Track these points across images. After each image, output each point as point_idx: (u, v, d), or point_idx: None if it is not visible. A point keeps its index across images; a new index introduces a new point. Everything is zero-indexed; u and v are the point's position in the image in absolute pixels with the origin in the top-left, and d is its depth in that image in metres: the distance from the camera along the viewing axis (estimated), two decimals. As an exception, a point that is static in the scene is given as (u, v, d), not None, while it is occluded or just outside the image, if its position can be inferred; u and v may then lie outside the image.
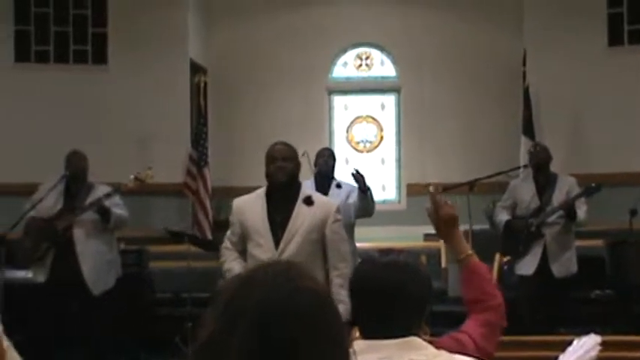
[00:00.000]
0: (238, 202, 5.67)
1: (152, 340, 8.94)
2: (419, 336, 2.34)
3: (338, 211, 5.66)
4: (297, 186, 5.59)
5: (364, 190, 7.54)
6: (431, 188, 3.20)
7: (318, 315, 1.56)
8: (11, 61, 11.32)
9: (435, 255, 10.14)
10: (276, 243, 5.42)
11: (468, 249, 3.05)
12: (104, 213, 7.51)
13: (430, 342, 2.37)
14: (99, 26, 11.57)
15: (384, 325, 2.33)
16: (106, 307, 7.65)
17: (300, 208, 5.47)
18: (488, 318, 2.87)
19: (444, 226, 3.10)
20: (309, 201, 5.49)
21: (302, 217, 5.44)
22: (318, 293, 1.59)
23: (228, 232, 5.71)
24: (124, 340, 8.40)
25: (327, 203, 5.71)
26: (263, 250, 5.39)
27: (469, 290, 2.96)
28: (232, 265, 5.55)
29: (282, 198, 5.49)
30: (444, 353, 2.32)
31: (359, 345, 2.29)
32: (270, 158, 5.50)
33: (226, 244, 5.67)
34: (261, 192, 5.59)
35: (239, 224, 5.56)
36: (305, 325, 1.53)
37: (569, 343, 2.95)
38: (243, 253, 5.59)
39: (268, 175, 5.49)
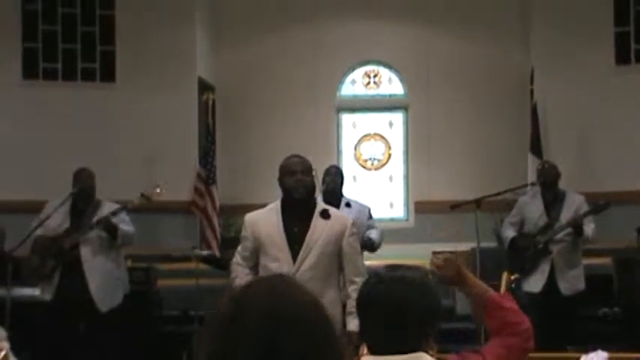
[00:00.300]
0: (251, 217, 5.58)
1: (159, 358, 8.92)
2: (427, 352, 2.33)
3: (354, 225, 5.63)
4: (313, 200, 5.56)
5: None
6: (430, 261, 3.24)
7: (318, 325, 1.55)
8: (19, 79, 11.34)
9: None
10: (294, 256, 5.36)
11: (484, 286, 3.08)
12: (111, 230, 7.50)
13: (438, 359, 2.36)
14: (107, 44, 11.60)
15: (391, 340, 2.32)
16: (114, 324, 7.63)
17: (317, 221, 5.40)
18: (512, 343, 2.88)
19: (455, 280, 3.14)
20: (325, 214, 5.44)
21: (319, 231, 5.39)
22: (313, 304, 1.58)
23: (239, 248, 5.61)
24: (132, 358, 8.38)
25: (343, 217, 5.69)
26: (280, 263, 5.31)
27: (492, 321, 2.97)
28: (245, 281, 5.40)
29: (298, 211, 5.43)
30: (451, 369, 2.31)
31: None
32: (289, 172, 5.42)
33: (237, 259, 5.59)
34: (274, 206, 5.53)
35: (252, 239, 5.47)
36: (307, 338, 1.52)
37: (577, 360, 2.94)
38: (254, 268, 5.50)
39: (287, 189, 5.41)
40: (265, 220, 5.47)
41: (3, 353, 3.19)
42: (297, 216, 5.42)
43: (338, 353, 1.56)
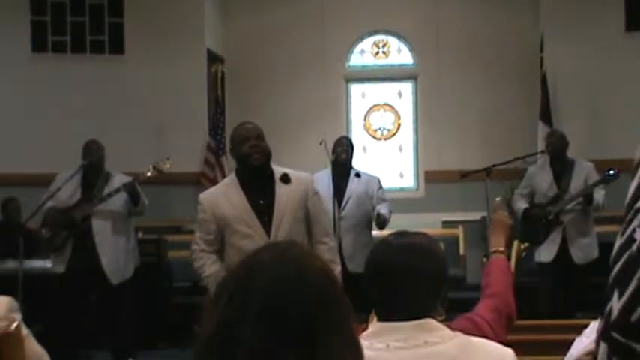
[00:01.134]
0: (207, 197, 5.26)
1: (170, 328, 8.98)
2: (434, 318, 2.34)
3: (313, 181, 5.40)
4: (269, 166, 5.21)
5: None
6: (497, 200, 3.61)
7: (328, 291, 1.55)
8: (28, 52, 11.34)
9: (454, 242, 10.14)
10: (266, 229, 5.07)
11: (498, 246, 3.24)
12: (135, 195, 7.53)
13: (448, 325, 2.37)
14: (115, 16, 11.57)
15: (399, 307, 2.33)
16: (125, 295, 7.68)
17: (280, 188, 5.12)
18: (494, 304, 2.92)
19: (495, 225, 3.37)
20: (285, 179, 5.15)
21: (285, 197, 5.11)
22: (323, 270, 1.59)
23: (199, 233, 5.23)
24: (143, 329, 8.44)
25: (303, 177, 5.33)
26: (253, 239, 4.95)
27: (484, 277, 3.09)
28: (213, 269, 5.11)
29: (258, 181, 5.14)
30: (459, 334, 2.32)
31: (375, 327, 2.30)
32: (243, 138, 5.13)
33: (200, 245, 5.19)
34: (230, 181, 5.28)
35: (214, 220, 5.12)
36: (317, 301, 1.52)
37: (586, 326, 2.95)
38: (219, 252, 5.18)
39: (242, 157, 5.11)
40: (225, 197, 5.16)
41: (15, 324, 3.21)
42: (257, 186, 5.13)
43: (346, 318, 1.56)
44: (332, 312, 1.53)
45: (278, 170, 5.22)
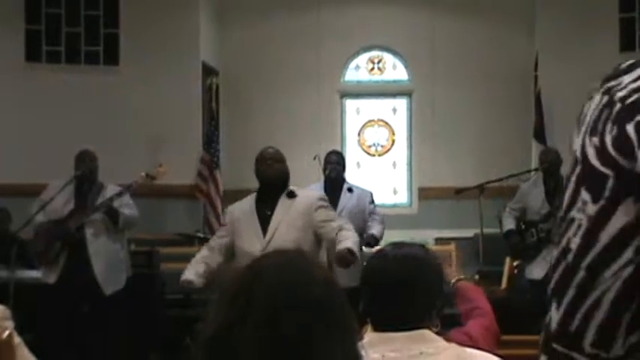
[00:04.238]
0: (232, 207, 6.24)
1: (161, 340, 8.94)
2: (430, 329, 2.34)
3: (321, 198, 6.12)
4: (286, 185, 6.04)
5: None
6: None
7: (329, 301, 1.55)
8: (22, 61, 11.33)
9: (446, 258, 10.11)
10: (264, 233, 5.88)
11: (456, 276, 3.39)
12: (113, 214, 7.51)
13: (446, 339, 2.37)
14: (111, 27, 11.58)
15: (395, 317, 2.33)
16: (117, 307, 7.65)
17: (283, 201, 5.93)
18: (485, 323, 3.01)
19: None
20: (291, 195, 5.96)
21: (285, 208, 5.91)
22: (326, 280, 1.58)
23: (218, 232, 6.34)
24: (135, 341, 8.40)
25: (309, 193, 6.24)
26: (252, 242, 5.80)
27: (462, 303, 3.17)
28: (190, 267, 6.11)
29: (271, 196, 5.97)
30: (454, 345, 2.31)
31: (370, 337, 2.30)
32: (260, 160, 6.09)
33: (211, 240, 6.32)
34: (252, 195, 6.13)
35: (230, 224, 6.08)
36: (316, 312, 1.51)
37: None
38: (221, 251, 6.04)
39: (262, 177, 6.05)
40: (241, 207, 6.11)
41: (7, 332, 3.19)
42: (269, 200, 5.97)
43: (347, 330, 1.55)
44: (332, 323, 1.53)
45: (290, 188, 6.02)
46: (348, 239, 5.71)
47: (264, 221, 5.90)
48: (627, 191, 1.76)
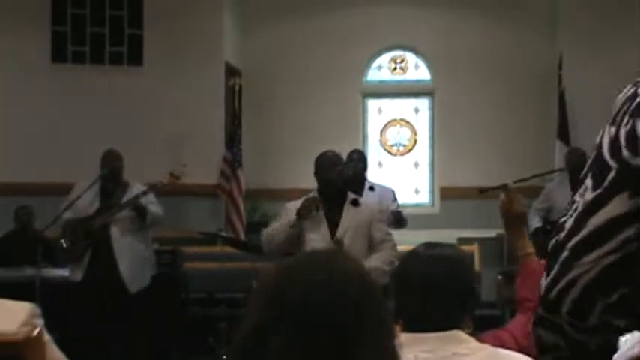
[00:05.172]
0: (290, 204, 6.31)
1: (185, 339, 8.98)
2: (462, 329, 2.34)
3: (380, 212, 6.61)
4: (344, 188, 6.37)
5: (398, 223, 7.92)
6: (509, 182, 3.39)
7: (365, 298, 1.54)
8: (48, 62, 11.40)
9: (469, 258, 10.10)
10: (332, 238, 6.09)
11: (528, 247, 3.17)
12: (140, 211, 7.55)
13: (478, 339, 2.37)
14: (135, 28, 11.63)
15: (426, 318, 2.34)
16: (142, 305, 7.68)
17: (348, 209, 6.19)
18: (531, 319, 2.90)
19: (514, 220, 3.28)
20: (356, 203, 6.25)
21: (350, 217, 6.15)
22: (362, 276, 1.58)
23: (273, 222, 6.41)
24: (158, 339, 8.44)
25: (370, 205, 6.61)
26: (321, 244, 5.90)
27: (521, 288, 3.08)
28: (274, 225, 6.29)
29: (334, 201, 6.19)
30: (487, 346, 2.32)
31: (402, 338, 2.30)
32: (330, 164, 6.23)
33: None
34: (313, 196, 6.24)
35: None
36: (353, 309, 1.51)
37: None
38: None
39: (328, 181, 6.17)
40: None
41: (37, 330, 3.23)
42: (333, 204, 6.18)
43: (384, 330, 1.56)
44: (368, 323, 1.52)
45: (350, 196, 6.30)
46: (376, 259, 6.03)
47: (332, 226, 6.12)
48: (625, 185, 1.81)
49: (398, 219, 7.82)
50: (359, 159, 8.23)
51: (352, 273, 1.56)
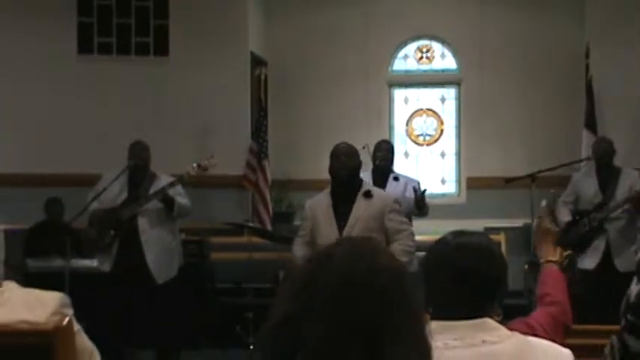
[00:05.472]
0: (310, 202, 6.37)
1: (213, 329, 9.02)
2: (492, 318, 2.34)
3: (396, 201, 6.32)
4: (358, 181, 6.23)
5: (420, 206, 7.78)
6: (543, 205, 3.81)
7: (397, 290, 1.55)
8: (74, 53, 11.46)
9: (497, 246, 10.07)
10: (340, 231, 5.99)
11: (551, 255, 3.28)
12: (168, 202, 7.58)
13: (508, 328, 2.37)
14: (161, 18, 11.66)
15: (457, 306, 2.34)
16: (169, 295, 7.71)
17: (359, 201, 6.08)
18: (553, 312, 2.96)
19: (544, 235, 3.38)
20: (368, 194, 6.11)
21: (362, 209, 6.06)
22: (395, 268, 1.58)
23: (300, 231, 6.40)
24: (186, 329, 8.47)
25: (384, 195, 6.43)
26: (328, 238, 5.58)
27: (542, 286, 3.15)
28: (298, 253, 6.24)
29: (345, 192, 6.12)
30: (517, 334, 2.31)
31: (432, 326, 2.29)
32: (334, 156, 6.15)
33: (296, 240, 6.39)
34: (327, 190, 6.27)
35: (310, 219, 6.22)
36: (385, 300, 1.52)
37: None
38: (309, 244, 6.19)
39: (331, 172, 6.14)
40: (319, 203, 6.26)
41: (67, 319, 3.27)
42: (344, 196, 6.13)
43: (414, 319, 1.56)
44: (399, 312, 1.53)
45: (366, 186, 6.24)
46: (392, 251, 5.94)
47: (341, 219, 6.07)
48: None
49: (420, 205, 7.76)
50: (387, 149, 8.21)
51: (382, 261, 1.57)
